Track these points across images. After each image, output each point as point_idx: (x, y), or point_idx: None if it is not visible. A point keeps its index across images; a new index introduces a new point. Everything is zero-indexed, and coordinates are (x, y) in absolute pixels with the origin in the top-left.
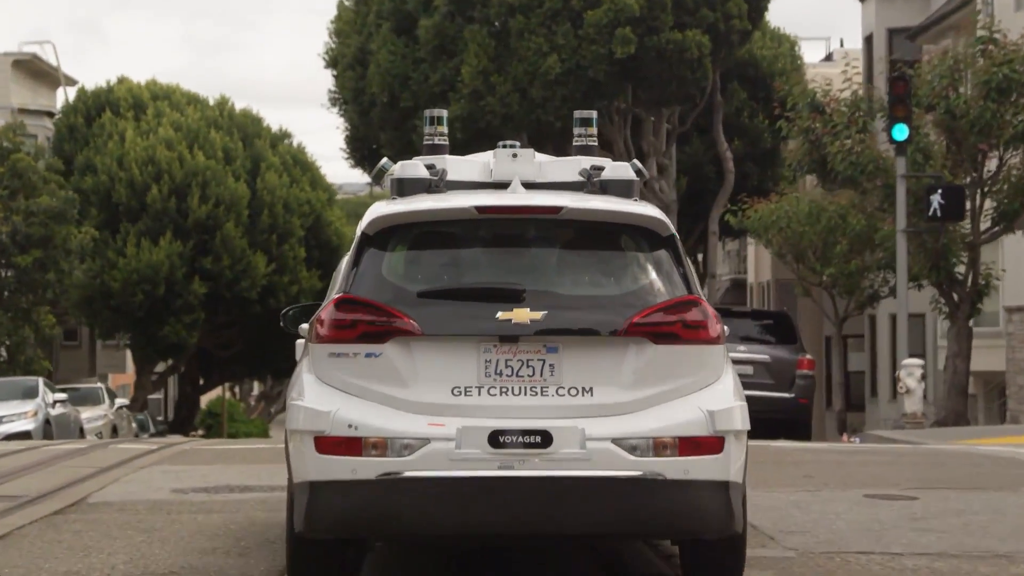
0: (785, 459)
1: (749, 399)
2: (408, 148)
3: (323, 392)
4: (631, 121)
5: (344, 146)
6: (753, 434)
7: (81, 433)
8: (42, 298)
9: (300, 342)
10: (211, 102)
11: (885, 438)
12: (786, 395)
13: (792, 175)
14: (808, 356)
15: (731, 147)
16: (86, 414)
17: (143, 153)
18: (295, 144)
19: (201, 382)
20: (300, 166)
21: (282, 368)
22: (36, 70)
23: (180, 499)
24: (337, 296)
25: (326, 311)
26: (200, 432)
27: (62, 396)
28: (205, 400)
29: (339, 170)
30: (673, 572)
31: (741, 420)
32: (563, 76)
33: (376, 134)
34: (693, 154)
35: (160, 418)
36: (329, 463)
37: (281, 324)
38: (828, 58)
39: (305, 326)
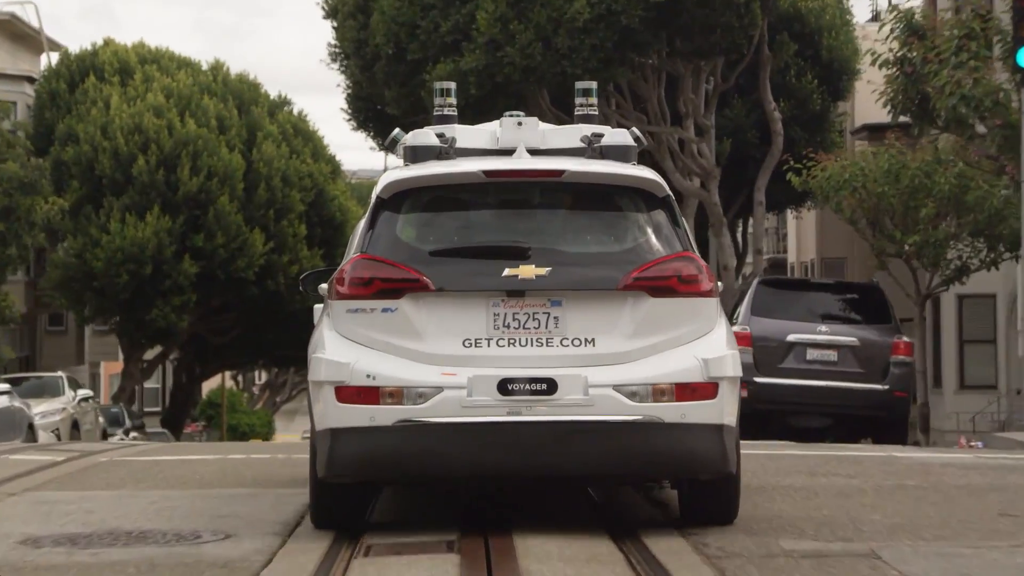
0: (933, 480)
1: (832, 391)
2: (416, 107)
3: (343, 345)
4: (666, 79)
5: (345, 106)
6: (839, 434)
7: (31, 432)
8: (2, 275)
9: (318, 307)
10: (204, 66)
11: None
12: (879, 386)
13: (841, 141)
14: (905, 339)
15: (777, 109)
16: (40, 408)
17: (129, 121)
18: (296, 112)
19: (198, 371)
20: (301, 136)
21: (285, 356)
22: (15, 32)
23: (20, 561)
24: (354, 256)
25: (344, 270)
26: (202, 424)
27: (3, 387)
28: (208, 388)
29: (354, 157)
30: (663, 517)
31: (733, 367)
32: (592, 23)
33: (380, 91)
34: (734, 117)
35: (156, 409)
36: (349, 411)
37: (300, 288)
38: (875, 18)
39: (324, 287)
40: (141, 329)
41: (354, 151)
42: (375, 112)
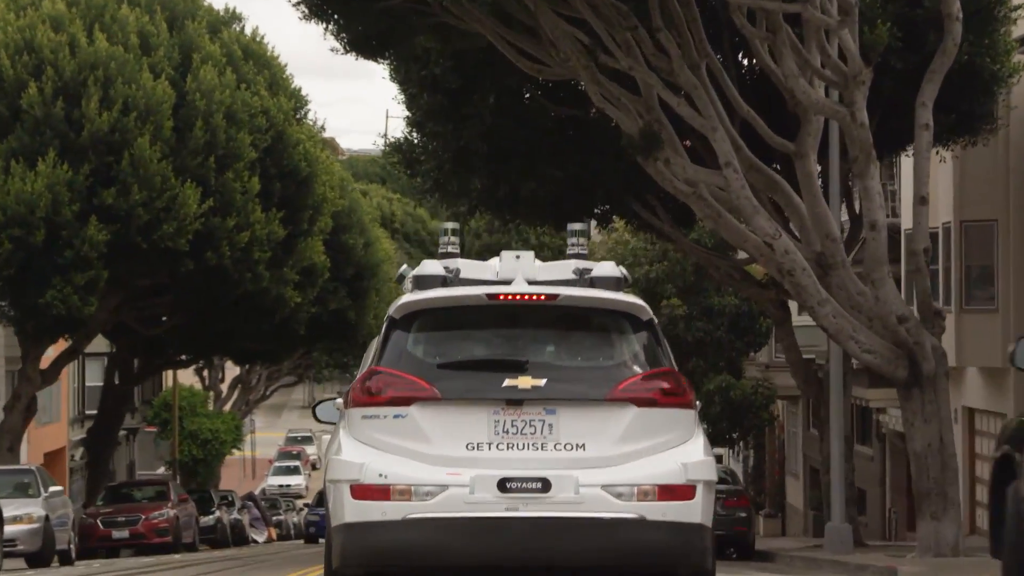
0: None
1: None
2: None
3: (357, 448)
4: None
5: None
6: None
7: None
8: None
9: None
10: None
11: None
12: None
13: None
14: None
15: None
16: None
17: (17, 37)
18: (247, 32)
19: (136, 369)
20: (254, 61)
21: (243, 349)
22: None
23: None
24: (369, 367)
25: (360, 381)
26: (155, 428)
27: None
28: (180, 381)
29: (356, 139)
30: None
31: (710, 472)
32: None
33: None
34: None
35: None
36: (363, 507)
37: (314, 417)
38: None
39: (340, 401)
40: (34, 315)
41: (350, 135)
42: None
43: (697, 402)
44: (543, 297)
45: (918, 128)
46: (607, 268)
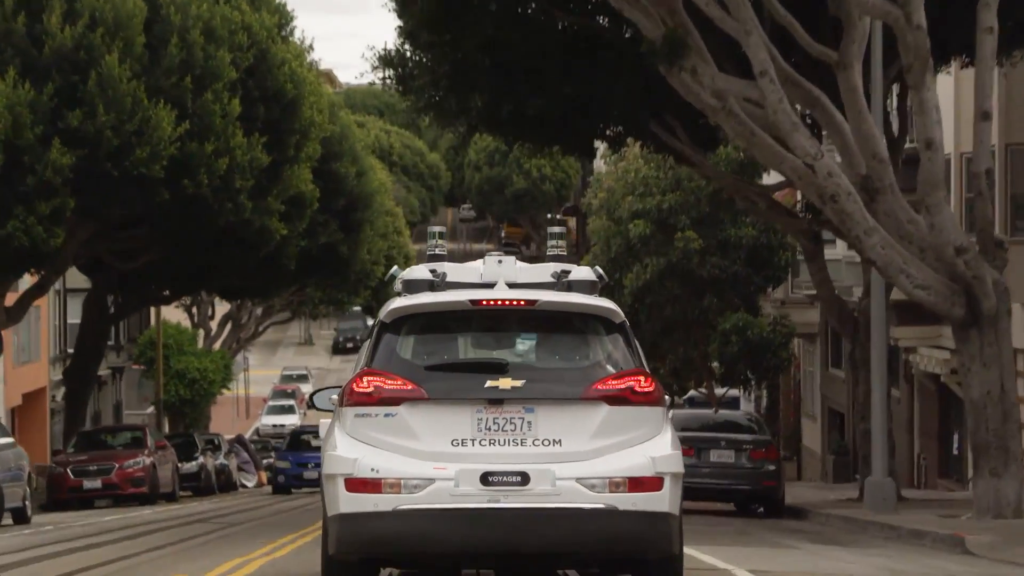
0: None
1: None
2: None
3: (351, 444)
4: None
5: None
6: None
7: None
8: None
9: (324, 422)
10: None
11: None
12: None
13: None
14: None
15: None
16: None
17: None
18: None
19: (112, 306)
20: None
21: (229, 286)
22: None
23: None
24: (362, 370)
25: (353, 382)
26: (142, 367)
27: None
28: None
29: (354, 74)
30: None
31: (676, 464)
32: None
33: None
34: None
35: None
36: (356, 499)
37: (310, 405)
38: None
39: (334, 397)
40: None
41: (348, 70)
42: None
43: (666, 397)
44: (522, 302)
45: (980, 32)
46: (583, 272)
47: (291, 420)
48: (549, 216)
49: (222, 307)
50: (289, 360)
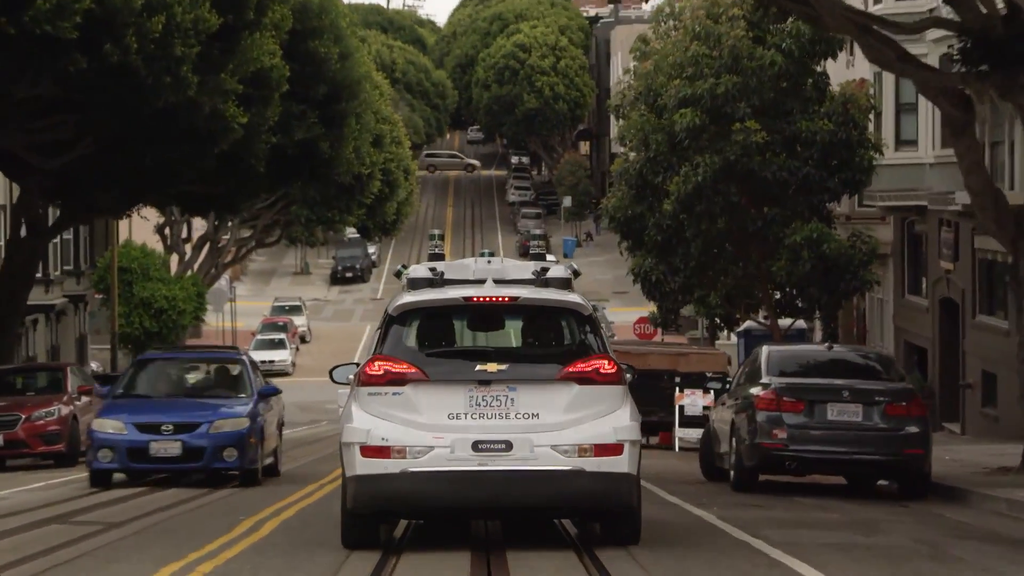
0: None
1: None
2: None
3: (365, 417)
4: None
5: None
6: None
7: None
8: None
9: (343, 391)
10: None
11: None
12: None
13: None
14: None
15: None
16: None
17: None
18: None
19: (50, 218)
20: None
21: (186, 193)
22: None
23: None
24: (373, 356)
25: (366, 366)
26: (101, 295)
27: None
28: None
29: None
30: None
31: (635, 433)
32: None
33: None
34: None
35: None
36: (369, 463)
37: (331, 379)
38: None
39: (351, 376)
40: None
41: None
42: None
43: (627, 376)
44: (506, 299)
45: None
46: (558, 270)
47: (281, 356)
48: (560, 138)
49: (199, 229)
50: (283, 291)
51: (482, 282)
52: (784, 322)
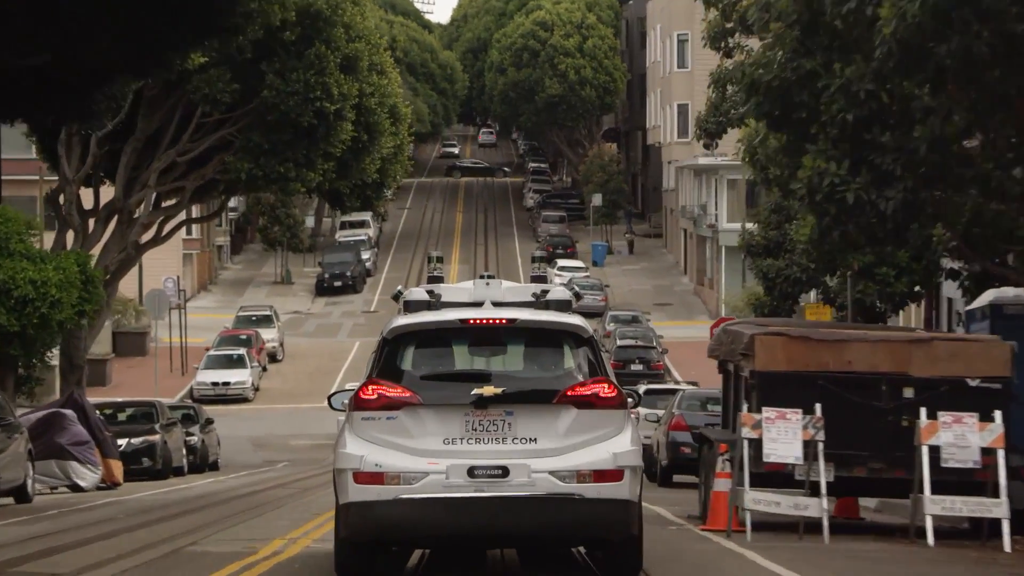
0: None
1: None
2: None
3: (358, 443)
4: None
5: None
6: None
7: None
8: None
9: (340, 418)
10: None
11: None
12: None
13: None
14: None
15: None
16: None
17: None
18: None
19: None
20: None
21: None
22: None
23: None
24: (367, 380)
25: (360, 390)
26: None
27: None
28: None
29: None
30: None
31: (636, 459)
32: None
33: None
34: None
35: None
36: (362, 489)
37: (328, 406)
38: None
39: (345, 401)
40: None
41: None
42: None
43: (629, 400)
44: (503, 321)
45: None
46: (559, 292)
47: (238, 377)
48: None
49: (107, 194)
50: (260, 302)
51: (480, 304)
52: None
